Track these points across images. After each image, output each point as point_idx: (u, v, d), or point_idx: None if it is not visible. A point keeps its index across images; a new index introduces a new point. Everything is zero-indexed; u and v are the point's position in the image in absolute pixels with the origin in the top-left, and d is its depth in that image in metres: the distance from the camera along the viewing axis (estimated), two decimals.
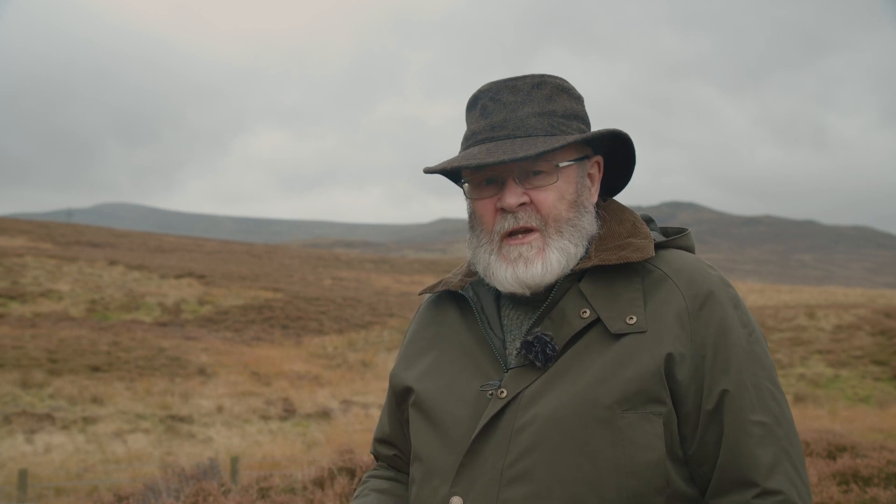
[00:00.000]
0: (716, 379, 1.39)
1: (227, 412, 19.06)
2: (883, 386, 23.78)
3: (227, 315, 34.41)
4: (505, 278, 1.49)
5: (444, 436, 1.48)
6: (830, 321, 31.32)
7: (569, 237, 1.49)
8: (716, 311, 1.42)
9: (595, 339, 1.43)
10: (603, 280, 1.48)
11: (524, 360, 1.45)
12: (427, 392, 1.53)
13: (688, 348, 1.39)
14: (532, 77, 1.54)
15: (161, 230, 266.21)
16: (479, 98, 1.55)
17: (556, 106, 1.52)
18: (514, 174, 1.49)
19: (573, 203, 1.51)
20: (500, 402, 1.43)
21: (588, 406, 1.37)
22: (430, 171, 1.53)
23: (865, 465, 6.24)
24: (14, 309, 31.34)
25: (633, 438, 1.35)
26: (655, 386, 1.37)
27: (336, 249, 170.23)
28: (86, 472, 13.52)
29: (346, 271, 56.84)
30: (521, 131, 1.48)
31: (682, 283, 1.45)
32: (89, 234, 64.19)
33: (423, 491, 1.49)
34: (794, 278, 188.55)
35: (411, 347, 1.65)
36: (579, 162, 1.53)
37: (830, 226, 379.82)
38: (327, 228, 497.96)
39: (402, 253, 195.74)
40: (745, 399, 1.39)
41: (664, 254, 1.52)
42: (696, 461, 1.40)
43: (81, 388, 19.69)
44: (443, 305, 1.65)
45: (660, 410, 1.37)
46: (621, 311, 1.43)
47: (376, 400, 21.15)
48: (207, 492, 5.88)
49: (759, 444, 1.37)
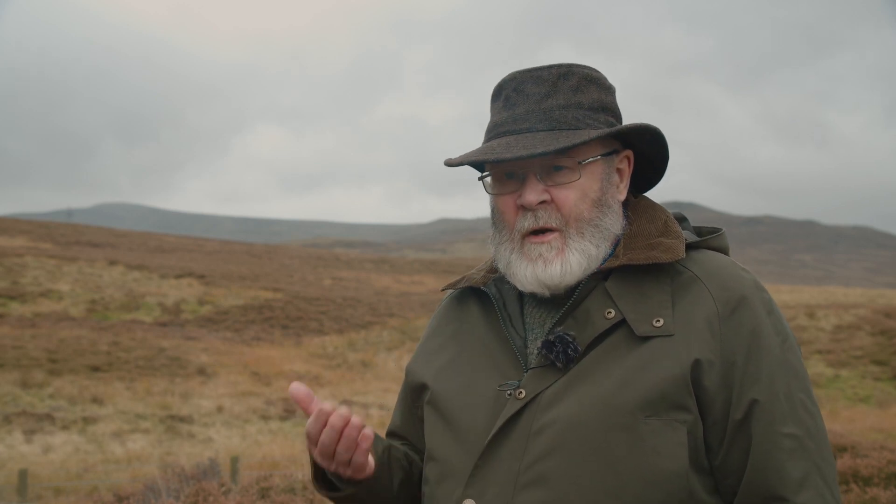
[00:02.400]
0: (745, 388, 1.33)
1: (227, 412, 19.06)
2: (883, 386, 23.79)
3: (227, 315, 34.41)
4: (525, 277, 1.43)
5: (459, 436, 1.43)
6: (830, 321, 31.33)
7: (590, 238, 1.43)
8: (748, 317, 1.36)
9: (620, 341, 1.37)
10: (630, 280, 1.41)
11: (545, 361, 1.40)
12: (443, 390, 1.49)
13: (717, 355, 1.33)
14: (559, 67, 1.46)
15: (161, 230, 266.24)
16: (503, 88, 1.49)
17: (582, 97, 1.45)
18: (536, 170, 1.43)
19: (597, 202, 1.44)
20: (519, 402, 1.38)
21: (610, 410, 1.32)
22: (453, 163, 1.46)
23: (865, 465, 6.24)
24: (14, 309, 31.34)
25: (656, 446, 1.30)
26: (680, 392, 1.32)
27: (336, 249, 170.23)
28: (86, 473, 13.52)
29: (346, 271, 56.84)
30: (544, 124, 1.42)
31: (713, 287, 1.39)
32: (89, 234, 64.19)
33: (436, 492, 1.45)
34: (794, 278, 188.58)
35: (430, 343, 1.60)
36: (606, 157, 1.46)
37: (830, 226, 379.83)
38: (327, 228, 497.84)
39: (402, 253, 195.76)
40: (777, 410, 1.32)
41: (696, 255, 1.45)
42: (722, 473, 1.34)
43: (81, 388, 19.70)
44: (465, 302, 1.59)
45: (684, 418, 1.32)
46: (648, 313, 1.37)
47: (376, 400, 21.15)
48: (207, 492, 5.88)
49: (790, 457, 1.31)
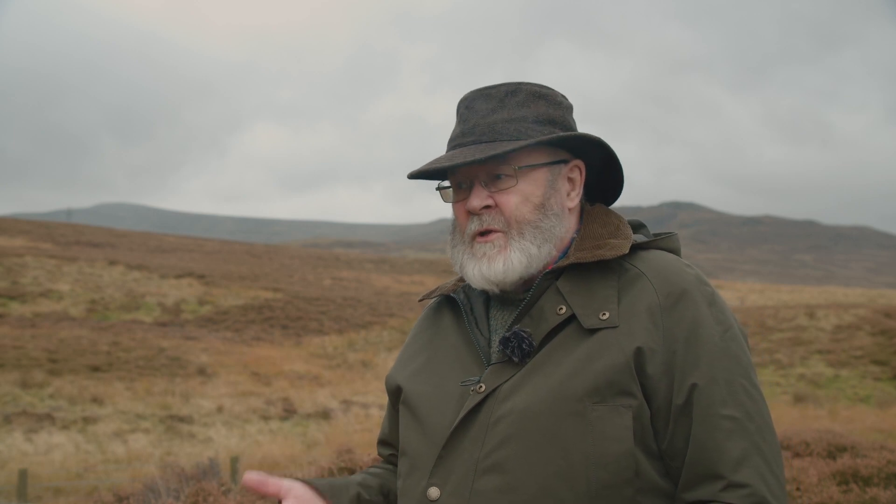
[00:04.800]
0: (686, 374, 1.40)
1: (227, 412, 19.06)
2: (883, 386, 23.79)
3: (227, 315, 34.42)
4: (473, 274, 1.55)
5: (426, 430, 1.52)
6: (830, 321, 31.34)
7: (530, 239, 1.53)
8: (689, 308, 1.44)
9: (570, 335, 1.47)
10: (580, 278, 1.52)
11: (503, 357, 1.49)
12: (415, 390, 1.59)
13: (659, 344, 1.41)
14: (508, 85, 1.59)
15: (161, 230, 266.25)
16: (459, 105, 1.62)
17: (527, 112, 1.56)
18: (481, 178, 1.55)
19: (539, 206, 1.54)
20: (479, 396, 1.47)
21: (560, 399, 1.40)
22: (413, 175, 1.60)
23: (865, 465, 6.24)
24: (14, 309, 31.35)
25: (603, 430, 1.38)
26: (625, 379, 1.39)
27: (336, 249, 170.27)
28: (86, 472, 13.53)
29: (346, 271, 56.86)
30: (487, 136, 1.54)
31: (656, 281, 1.48)
32: (89, 234, 64.21)
33: (406, 483, 1.54)
34: (795, 278, 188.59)
35: (407, 351, 1.72)
36: (551, 166, 1.57)
37: (830, 226, 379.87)
38: (327, 228, 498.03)
39: (402, 253, 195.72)
40: (716, 393, 1.39)
41: (644, 254, 1.55)
42: (669, 456, 1.41)
43: (81, 388, 19.70)
44: (440, 310, 1.71)
45: (629, 403, 1.39)
46: (596, 307, 1.47)
47: (376, 400, 21.15)
48: (207, 492, 5.87)
49: (728, 437, 1.37)
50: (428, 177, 1.64)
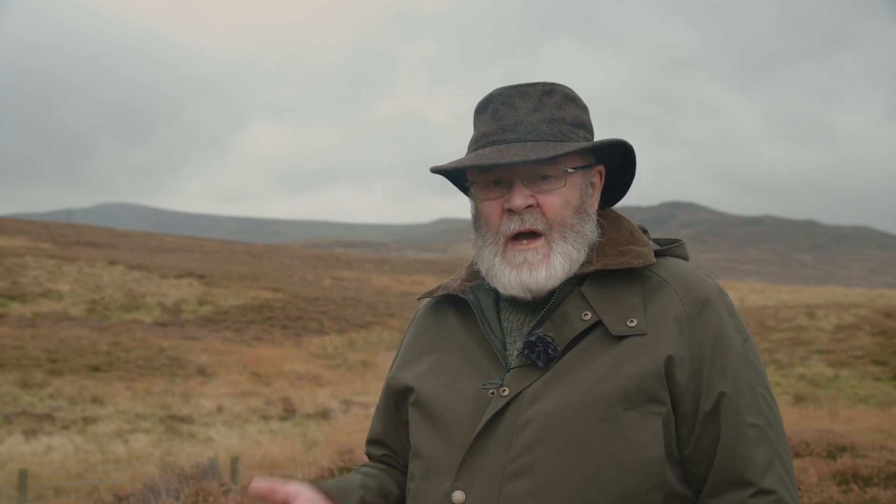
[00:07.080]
0: (714, 381, 1.43)
1: (227, 412, 19.06)
2: (883, 386, 23.79)
3: (227, 315, 34.42)
4: (508, 282, 1.52)
5: (445, 433, 1.50)
6: (830, 321, 31.34)
7: (572, 242, 1.53)
8: (713, 317, 1.47)
9: (596, 341, 1.47)
10: (604, 284, 1.52)
11: (526, 360, 1.48)
12: (428, 391, 1.57)
13: (686, 351, 1.43)
14: (543, 84, 1.57)
15: (161, 230, 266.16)
16: (490, 102, 1.58)
17: (565, 114, 1.56)
18: (522, 177, 1.52)
19: (577, 209, 1.55)
20: (503, 399, 1.46)
21: (590, 404, 1.41)
22: (438, 170, 1.57)
23: (865, 465, 6.24)
24: (14, 309, 31.35)
25: (634, 436, 1.39)
26: (655, 386, 1.41)
27: (336, 249, 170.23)
28: (86, 472, 13.52)
29: (346, 271, 56.86)
30: (531, 135, 1.52)
31: (680, 289, 1.49)
32: (89, 234, 64.21)
33: (423, 486, 1.52)
34: (795, 278, 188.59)
35: (409, 351, 1.68)
36: (584, 170, 1.58)
37: (831, 226, 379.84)
38: (327, 228, 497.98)
39: (402, 253, 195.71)
40: (742, 402, 1.43)
41: (662, 261, 1.57)
42: (692, 461, 1.44)
43: (81, 388, 19.70)
44: (441, 310, 1.68)
45: (659, 410, 1.41)
46: (622, 314, 1.47)
47: (376, 400, 21.03)
48: (207, 492, 5.87)
49: (755, 445, 1.41)
50: (447, 174, 1.62)
